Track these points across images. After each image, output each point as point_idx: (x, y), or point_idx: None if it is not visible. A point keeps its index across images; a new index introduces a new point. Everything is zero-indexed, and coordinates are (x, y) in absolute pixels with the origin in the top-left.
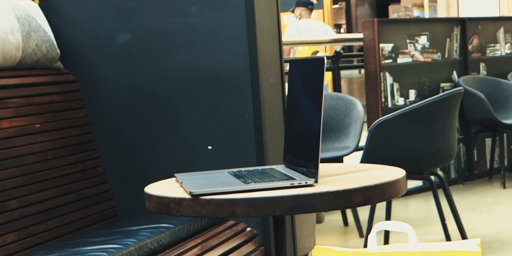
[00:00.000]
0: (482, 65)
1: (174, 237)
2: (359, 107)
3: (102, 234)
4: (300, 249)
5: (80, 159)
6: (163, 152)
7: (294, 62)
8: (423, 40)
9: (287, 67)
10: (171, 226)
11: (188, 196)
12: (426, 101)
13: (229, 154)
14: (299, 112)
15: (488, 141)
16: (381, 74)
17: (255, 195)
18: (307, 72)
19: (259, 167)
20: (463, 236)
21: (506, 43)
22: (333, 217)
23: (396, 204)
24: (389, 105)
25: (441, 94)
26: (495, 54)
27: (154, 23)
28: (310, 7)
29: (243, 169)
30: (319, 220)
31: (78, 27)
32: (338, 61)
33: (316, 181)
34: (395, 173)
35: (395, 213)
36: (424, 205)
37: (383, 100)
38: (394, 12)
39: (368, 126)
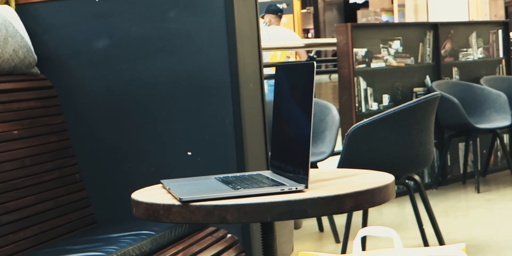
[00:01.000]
0: (454, 70)
1: (156, 244)
2: (334, 112)
3: (82, 241)
4: (278, 255)
5: (58, 166)
6: (142, 158)
7: (281, 67)
8: (396, 44)
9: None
10: (153, 233)
11: (177, 203)
12: (403, 106)
13: (209, 160)
14: (287, 117)
15: (462, 145)
16: (355, 79)
17: (246, 201)
18: (296, 77)
19: (246, 173)
20: (440, 241)
21: (478, 48)
22: (309, 223)
23: (371, 209)
24: (363, 110)
25: (418, 98)
26: (468, 58)
27: (132, 28)
28: (279, 14)
29: (230, 175)
30: (296, 226)
31: (55, 32)
32: None
33: (306, 187)
34: (384, 178)
35: (370, 218)
36: (398, 210)
37: (357, 105)
38: (363, 16)
39: (342, 131)
